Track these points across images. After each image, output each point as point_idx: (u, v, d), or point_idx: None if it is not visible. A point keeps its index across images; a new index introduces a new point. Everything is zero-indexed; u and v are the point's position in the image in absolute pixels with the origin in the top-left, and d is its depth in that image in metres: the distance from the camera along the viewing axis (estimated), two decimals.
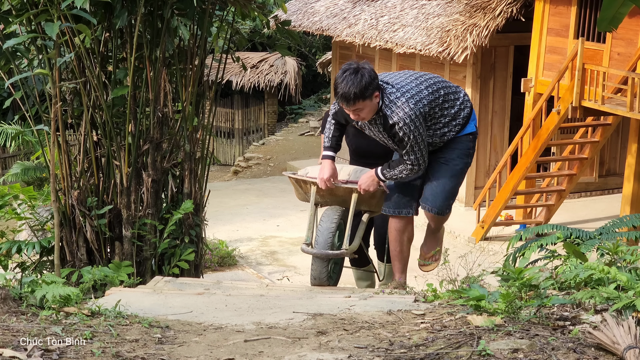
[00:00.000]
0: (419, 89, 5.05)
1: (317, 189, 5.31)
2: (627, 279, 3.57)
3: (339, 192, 5.32)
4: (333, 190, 5.30)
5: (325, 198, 5.41)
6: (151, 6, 5.90)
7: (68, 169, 6.04)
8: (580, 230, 5.52)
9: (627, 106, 10.94)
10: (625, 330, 2.93)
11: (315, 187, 5.32)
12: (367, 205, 5.44)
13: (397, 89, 5.01)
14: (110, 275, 5.45)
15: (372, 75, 4.91)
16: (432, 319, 3.72)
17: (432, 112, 5.10)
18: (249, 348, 3.42)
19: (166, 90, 6.03)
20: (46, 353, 3.14)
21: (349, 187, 5.28)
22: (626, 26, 11.59)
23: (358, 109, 4.89)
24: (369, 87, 4.84)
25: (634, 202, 11.82)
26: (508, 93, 14.71)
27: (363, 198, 5.31)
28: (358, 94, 4.83)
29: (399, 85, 5.03)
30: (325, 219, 5.28)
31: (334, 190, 5.30)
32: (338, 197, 5.37)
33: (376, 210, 5.49)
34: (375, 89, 4.89)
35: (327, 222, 5.26)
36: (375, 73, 4.97)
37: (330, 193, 5.34)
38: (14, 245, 6.06)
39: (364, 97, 4.84)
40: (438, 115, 5.15)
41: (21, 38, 5.61)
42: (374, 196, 5.33)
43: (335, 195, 5.36)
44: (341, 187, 5.30)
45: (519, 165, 12.66)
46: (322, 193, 5.36)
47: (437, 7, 14.47)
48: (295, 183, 5.52)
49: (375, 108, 4.94)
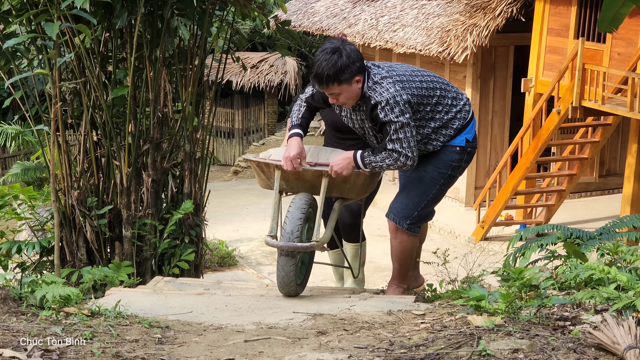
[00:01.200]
0: (412, 78, 4.56)
1: (282, 173, 4.64)
2: (627, 279, 3.56)
3: (307, 176, 4.64)
4: (300, 174, 4.62)
5: (292, 184, 4.72)
6: (151, 6, 5.89)
7: (68, 169, 6.04)
8: (580, 230, 5.51)
9: (627, 106, 10.94)
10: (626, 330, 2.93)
11: (280, 172, 4.64)
12: (339, 192, 4.75)
13: (386, 71, 4.51)
14: (110, 275, 5.45)
15: (353, 57, 4.37)
16: (432, 319, 3.72)
17: (422, 109, 4.58)
18: (249, 348, 3.42)
19: (166, 90, 6.03)
20: (46, 353, 3.14)
21: (318, 170, 4.60)
22: (626, 26, 11.59)
23: (334, 93, 4.42)
24: (345, 70, 4.33)
25: (634, 202, 11.82)
26: (508, 93, 14.71)
27: (335, 183, 4.62)
28: (332, 77, 4.33)
29: (389, 68, 4.55)
30: (292, 208, 4.58)
31: (301, 174, 4.62)
32: (306, 183, 4.69)
33: (350, 197, 4.82)
34: (356, 72, 4.37)
35: (295, 211, 4.55)
36: (359, 55, 4.43)
37: (297, 177, 4.65)
38: (14, 245, 6.06)
39: (340, 81, 4.34)
40: (428, 117, 4.63)
41: (21, 38, 5.61)
42: (347, 181, 4.62)
43: (303, 180, 4.68)
44: (309, 171, 4.61)
45: (519, 166, 12.66)
46: (288, 178, 4.67)
47: (437, 7, 14.48)
48: (257, 167, 4.80)
49: (356, 94, 4.44)
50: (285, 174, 4.64)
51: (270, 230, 4.61)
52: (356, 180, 4.64)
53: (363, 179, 4.65)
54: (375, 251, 11.94)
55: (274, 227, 4.61)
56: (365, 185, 4.73)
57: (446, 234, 13.54)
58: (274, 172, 4.68)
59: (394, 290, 4.97)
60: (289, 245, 4.46)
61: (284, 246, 4.47)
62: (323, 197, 4.62)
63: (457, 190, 14.87)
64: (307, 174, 4.63)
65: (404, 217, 4.79)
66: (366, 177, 4.64)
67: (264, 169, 4.76)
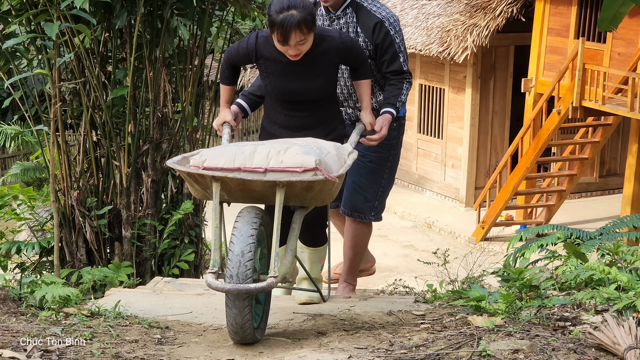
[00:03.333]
0: None
1: (222, 184, 3.51)
2: (627, 279, 3.56)
3: (256, 187, 3.50)
4: (246, 185, 3.49)
5: (235, 195, 3.60)
6: (151, 6, 5.89)
7: (67, 169, 6.03)
8: (580, 230, 5.51)
9: (627, 106, 10.94)
10: (626, 330, 2.93)
11: (219, 184, 3.50)
12: (299, 201, 3.62)
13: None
14: (109, 275, 5.44)
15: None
16: (433, 320, 3.72)
17: None
18: (248, 348, 3.41)
19: (166, 90, 6.02)
20: (46, 354, 3.13)
21: (270, 181, 3.44)
22: (626, 26, 11.59)
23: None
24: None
25: (635, 203, 11.81)
26: (508, 93, 14.71)
27: (293, 192, 3.52)
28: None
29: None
30: (239, 229, 3.46)
31: (247, 184, 3.48)
32: (254, 193, 3.57)
33: (313, 205, 3.72)
34: None
35: (243, 233, 3.44)
36: None
37: (242, 188, 3.53)
38: (14, 245, 6.05)
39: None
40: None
41: (21, 38, 5.61)
42: (311, 188, 3.50)
43: (250, 191, 3.55)
44: (258, 182, 3.45)
45: (519, 166, 12.66)
46: (230, 189, 3.54)
47: (437, 7, 14.48)
48: (187, 177, 3.63)
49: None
50: (226, 185, 3.51)
51: (212, 264, 3.46)
52: (323, 187, 3.52)
53: (332, 184, 3.54)
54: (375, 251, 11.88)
55: (217, 260, 3.47)
56: (333, 190, 3.63)
57: (446, 234, 13.54)
58: (211, 183, 3.52)
59: (344, 289, 4.87)
60: (239, 288, 3.33)
61: (232, 290, 3.34)
62: (279, 218, 3.46)
63: (457, 191, 14.87)
64: (256, 185, 3.47)
65: (368, 209, 4.73)
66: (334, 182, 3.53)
67: (197, 179, 3.58)
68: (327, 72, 3.99)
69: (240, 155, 3.50)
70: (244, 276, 3.36)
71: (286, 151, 3.53)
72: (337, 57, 3.98)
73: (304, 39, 3.80)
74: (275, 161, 3.50)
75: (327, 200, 3.69)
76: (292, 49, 3.82)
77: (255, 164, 3.49)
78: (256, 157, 3.51)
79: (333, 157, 3.63)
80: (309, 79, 3.97)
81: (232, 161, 3.50)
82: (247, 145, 3.60)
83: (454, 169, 15.04)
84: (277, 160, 3.50)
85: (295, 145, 3.57)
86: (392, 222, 14.14)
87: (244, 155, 3.50)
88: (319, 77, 3.97)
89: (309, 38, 3.81)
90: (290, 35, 3.75)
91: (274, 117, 4.18)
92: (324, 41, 3.93)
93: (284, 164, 3.48)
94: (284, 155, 3.52)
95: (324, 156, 3.56)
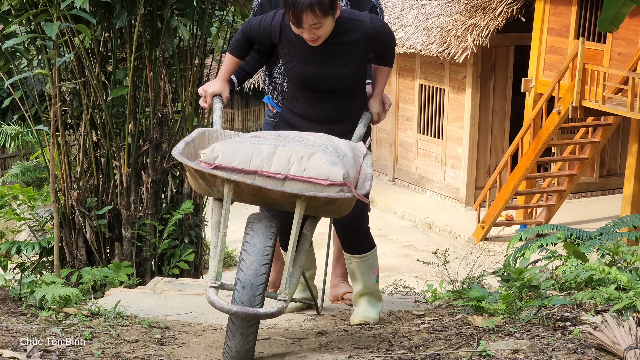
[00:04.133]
0: None
1: (236, 187, 3.08)
2: (627, 279, 3.56)
3: (273, 196, 3.10)
4: (261, 192, 3.09)
5: (246, 198, 3.20)
6: (151, 6, 5.89)
7: (67, 169, 6.03)
8: (580, 230, 5.51)
9: (627, 106, 10.94)
10: (626, 330, 2.93)
11: (231, 186, 3.07)
12: (314, 211, 3.22)
13: None
14: (110, 275, 5.44)
15: None
16: (433, 320, 3.71)
17: None
18: None
19: (166, 90, 6.03)
20: (46, 354, 3.13)
21: (290, 193, 3.04)
22: (627, 26, 11.59)
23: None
24: None
25: (635, 203, 11.81)
26: (508, 93, 14.71)
27: (313, 206, 3.12)
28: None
29: None
30: (253, 245, 3.09)
31: (263, 192, 3.07)
32: (268, 200, 3.19)
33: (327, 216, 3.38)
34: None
35: (258, 251, 3.07)
36: None
37: (257, 194, 3.12)
38: (14, 245, 6.05)
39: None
40: None
41: (21, 38, 5.61)
42: (333, 202, 3.11)
43: (265, 198, 3.16)
44: (277, 192, 3.04)
45: (519, 166, 12.66)
46: (241, 193, 3.14)
47: (437, 7, 14.48)
48: (193, 172, 3.18)
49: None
50: (239, 189, 3.09)
51: (214, 277, 3.07)
52: (344, 202, 3.14)
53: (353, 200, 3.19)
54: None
55: (219, 272, 3.08)
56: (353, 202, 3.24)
57: (446, 234, 13.54)
58: (223, 184, 3.10)
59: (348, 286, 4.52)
60: (248, 312, 2.95)
61: (240, 314, 2.96)
62: (296, 234, 3.10)
63: (457, 191, 14.87)
64: (274, 194, 3.08)
65: None
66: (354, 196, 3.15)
67: (205, 175, 3.15)
68: (356, 60, 3.66)
69: (257, 156, 3.10)
70: (255, 300, 2.99)
71: (310, 158, 3.12)
72: (366, 44, 3.65)
73: (318, 23, 3.47)
74: (297, 169, 3.09)
75: (344, 213, 3.28)
76: (306, 32, 3.51)
77: (274, 168, 3.09)
78: (275, 161, 3.10)
79: (349, 161, 3.26)
80: (336, 66, 3.63)
81: (248, 162, 3.09)
82: (265, 142, 3.19)
83: (454, 169, 15.04)
84: (300, 168, 3.09)
85: (319, 151, 3.16)
86: (392, 222, 14.14)
87: (262, 156, 3.10)
88: (346, 65, 3.64)
89: (324, 22, 3.48)
90: (302, 17, 3.44)
91: (296, 107, 3.77)
92: (354, 26, 3.62)
93: (307, 174, 3.08)
94: (307, 162, 3.11)
95: (344, 162, 3.20)
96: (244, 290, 3.00)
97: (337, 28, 3.58)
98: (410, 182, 16.10)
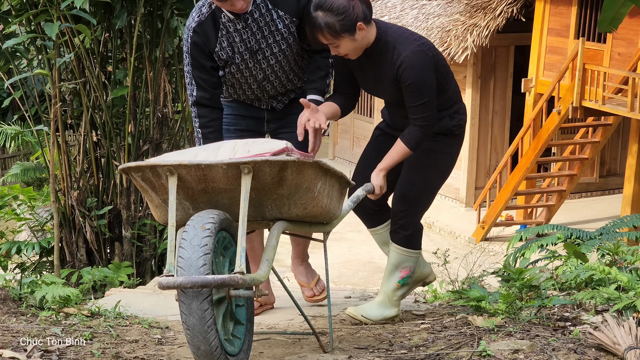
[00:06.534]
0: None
1: (179, 181, 2.79)
2: (627, 279, 3.56)
3: (219, 181, 2.81)
4: (209, 179, 2.80)
5: (199, 200, 2.90)
6: (151, 6, 5.89)
7: (68, 169, 6.04)
8: (580, 230, 5.51)
9: (627, 106, 10.94)
10: (626, 330, 2.93)
11: (175, 178, 2.77)
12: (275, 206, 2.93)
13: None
14: (110, 275, 5.45)
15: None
16: (433, 320, 3.71)
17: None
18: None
19: (166, 90, 6.03)
20: (46, 354, 3.13)
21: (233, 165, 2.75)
22: (627, 26, 11.59)
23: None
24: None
25: (635, 203, 11.81)
26: (508, 93, 14.71)
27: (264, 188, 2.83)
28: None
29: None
30: (190, 228, 2.69)
31: (209, 178, 2.79)
32: (220, 195, 2.86)
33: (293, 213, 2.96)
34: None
35: (197, 229, 2.67)
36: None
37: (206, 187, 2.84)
38: (14, 245, 6.06)
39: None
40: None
41: (21, 38, 5.61)
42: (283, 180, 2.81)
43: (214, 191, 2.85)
44: (218, 169, 2.76)
45: (519, 166, 12.66)
46: (192, 188, 2.84)
47: (437, 7, 14.48)
48: (143, 184, 2.89)
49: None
50: (186, 185, 2.82)
51: (167, 268, 2.73)
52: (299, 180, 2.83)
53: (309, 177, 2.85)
54: (376, 251, 11.92)
55: (172, 264, 2.74)
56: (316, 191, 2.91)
57: (446, 234, 13.53)
58: (168, 180, 2.79)
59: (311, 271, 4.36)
60: (194, 280, 2.56)
61: (185, 283, 2.56)
62: (245, 208, 2.72)
63: (458, 191, 14.87)
64: (218, 177, 2.78)
65: None
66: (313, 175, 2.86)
67: (153, 183, 2.84)
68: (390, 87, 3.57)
69: (202, 152, 3.06)
70: (199, 269, 2.61)
71: (254, 142, 3.06)
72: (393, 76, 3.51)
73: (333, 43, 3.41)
74: (241, 152, 2.98)
75: (308, 207, 2.91)
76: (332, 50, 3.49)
77: (219, 158, 2.91)
78: (221, 152, 3.02)
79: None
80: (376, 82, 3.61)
81: (194, 157, 2.98)
82: (212, 144, 3.15)
83: (454, 169, 15.04)
84: (244, 150, 2.99)
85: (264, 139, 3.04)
86: None
87: (207, 152, 3.05)
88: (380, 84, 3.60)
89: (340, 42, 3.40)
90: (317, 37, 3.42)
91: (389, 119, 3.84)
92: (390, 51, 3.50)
93: (251, 153, 2.92)
94: (251, 145, 3.01)
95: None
96: (188, 265, 2.63)
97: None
98: None
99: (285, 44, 3.71)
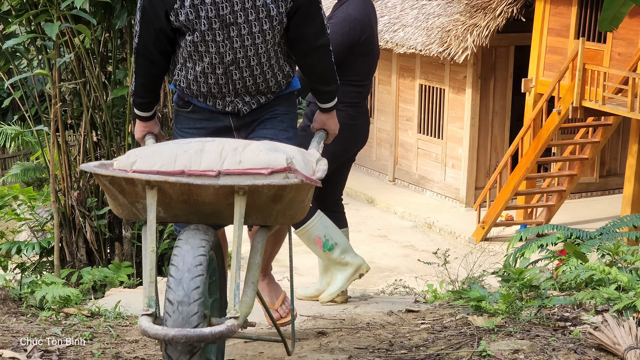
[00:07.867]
0: None
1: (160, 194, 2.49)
2: (627, 279, 3.56)
3: (206, 196, 2.51)
4: (193, 193, 2.49)
5: (176, 209, 2.58)
6: None
7: (68, 169, 6.04)
8: (580, 230, 5.51)
9: (627, 106, 10.94)
10: (626, 330, 2.93)
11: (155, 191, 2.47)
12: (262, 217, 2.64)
13: None
14: (110, 276, 5.45)
15: None
16: (433, 320, 3.71)
17: None
18: (248, 349, 3.41)
19: (166, 90, 6.02)
20: (46, 354, 3.13)
21: (227, 186, 2.47)
22: (627, 26, 11.59)
23: None
24: None
25: (635, 203, 11.81)
26: (508, 93, 14.71)
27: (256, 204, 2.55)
28: None
29: None
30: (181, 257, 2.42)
31: (194, 192, 2.49)
32: (202, 207, 2.56)
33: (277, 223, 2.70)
34: None
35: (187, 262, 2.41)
36: None
37: (188, 199, 2.52)
38: (14, 245, 6.05)
39: None
40: None
41: (21, 38, 5.61)
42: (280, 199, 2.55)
43: (198, 204, 2.55)
44: (210, 188, 2.47)
45: (519, 166, 12.66)
46: (170, 201, 2.54)
47: (438, 7, 14.48)
48: (109, 186, 2.56)
49: None
50: (165, 196, 2.50)
51: (147, 303, 2.41)
52: (295, 196, 2.57)
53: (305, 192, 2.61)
54: (376, 251, 11.93)
55: (152, 298, 2.42)
56: (306, 202, 2.68)
57: (446, 234, 13.53)
58: (144, 191, 2.49)
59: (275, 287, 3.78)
60: (189, 334, 2.29)
61: (179, 337, 2.29)
62: (239, 237, 2.50)
63: (458, 191, 14.87)
64: (206, 193, 2.49)
65: None
66: (310, 189, 2.62)
67: (123, 187, 2.54)
68: None
69: (183, 155, 2.56)
70: (192, 319, 2.33)
71: (245, 148, 2.58)
72: None
73: None
74: (231, 161, 2.55)
75: (296, 216, 2.68)
76: None
77: (204, 165, 2.53)
78: (205, 157, 2.55)
79: (299, 163, 2.65)
80: None
81: (173, 162, 2.55)
82: (192, 142, 2.64)
83: (454, 169, 15.04)
84: (234, 160, 2.55)
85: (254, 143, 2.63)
86: (392, 222, 14.14)
87: (189, 154, 2.56)
88: None
89: None
90: None
91: None
92: None
93: (244, 165, 2.53)
94: (242, 152, 2.56)
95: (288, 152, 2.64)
96: (177, 312, 2.33)
97: None
98: (410, 182, 16.10)
99: (268, 23, 2.98)
